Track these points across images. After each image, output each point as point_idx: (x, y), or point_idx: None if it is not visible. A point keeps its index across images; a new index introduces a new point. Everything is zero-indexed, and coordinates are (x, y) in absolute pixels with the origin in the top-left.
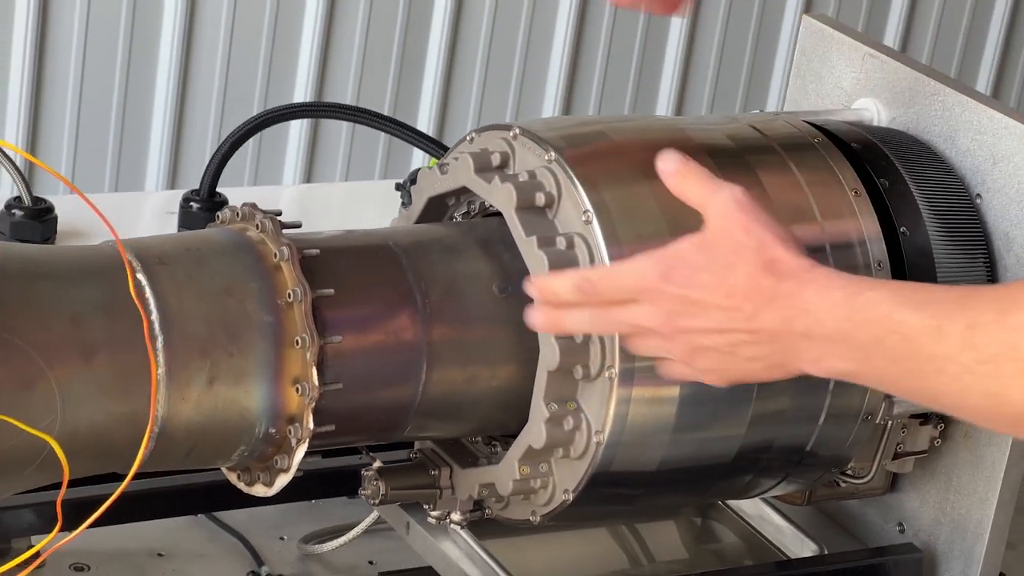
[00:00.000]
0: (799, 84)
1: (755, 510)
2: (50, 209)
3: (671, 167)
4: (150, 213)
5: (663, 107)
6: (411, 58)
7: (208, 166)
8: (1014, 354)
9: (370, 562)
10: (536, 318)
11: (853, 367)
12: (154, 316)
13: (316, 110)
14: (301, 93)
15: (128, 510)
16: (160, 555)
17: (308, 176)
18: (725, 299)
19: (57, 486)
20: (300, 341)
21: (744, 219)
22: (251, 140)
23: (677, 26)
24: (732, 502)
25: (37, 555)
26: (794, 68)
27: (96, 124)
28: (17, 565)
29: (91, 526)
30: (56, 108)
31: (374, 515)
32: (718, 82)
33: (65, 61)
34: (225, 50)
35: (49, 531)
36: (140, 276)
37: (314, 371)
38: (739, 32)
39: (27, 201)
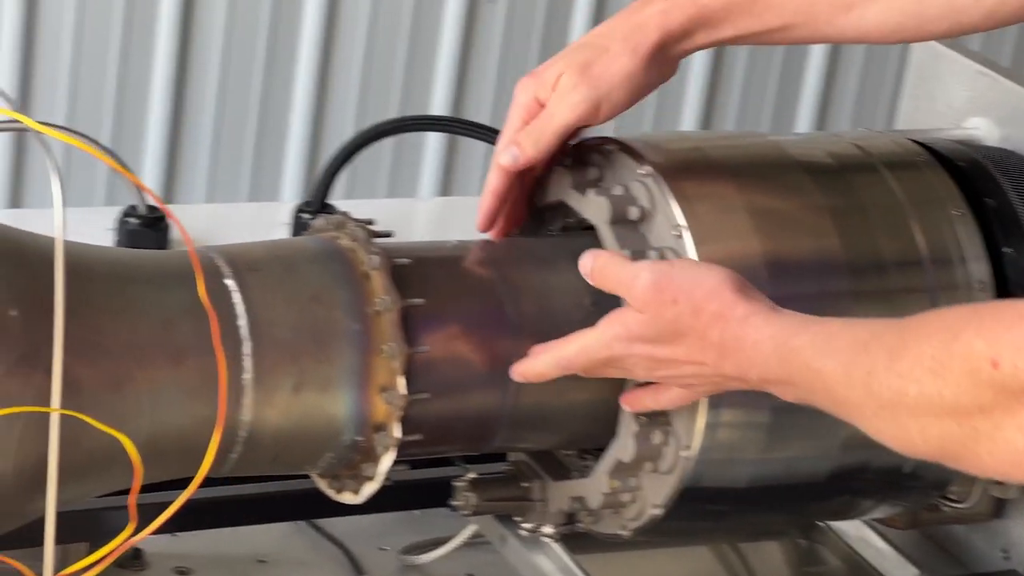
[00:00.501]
0: (911, 103)
1: (857, 532)
2: (162, 218)
3: (587, 267)
4: (265, 223)
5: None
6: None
7: (320, 178)
8: (904, 400)
9: (470, 574)
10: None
11: (807, 401)
12: (241, 321)
13: (431, 124)
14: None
15: (231, 515)
16: (262, 561)
17: (445, 189)
18: (687, 357)
19: (155, 487)
20: (387, 350)
21: (668, 294)
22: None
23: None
24: (835, 524)
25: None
26: (906, 87)
27: (234, 135)
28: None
29: (194, 529)
30: (196, 120)
31: (472, 527)
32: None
33: (205, 77)
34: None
35: (153, 531)
36: (229, 281)
37: (401, 380)
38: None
39: (142, 209)
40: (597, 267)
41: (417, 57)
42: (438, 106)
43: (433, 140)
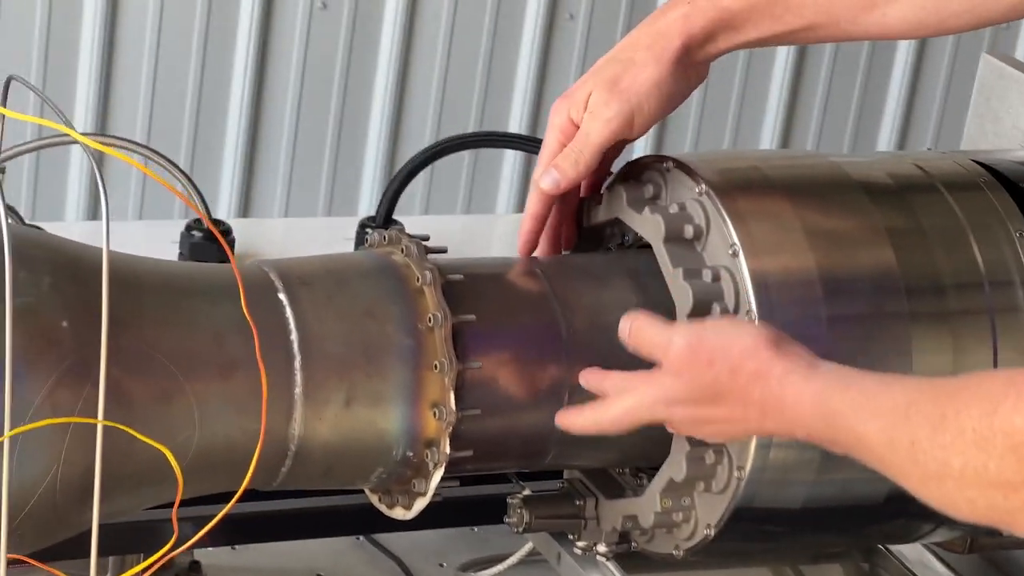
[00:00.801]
0: (977, 123)
1: (917, 556)
2: (228, 231)
3: (625, 330)
4: (331, 239)
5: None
6: None
7: (384, 193)
8: (949, 472)
9: None
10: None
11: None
12: (293, 336)
13: (494, 140)
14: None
15: (290, 528)
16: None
17: (522, 206)
18: (730, 415)
19: (213, 499)
20: (439, 365)
21: (703, 356)
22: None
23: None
24: (894, 547)
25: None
26: (972, 107)
27: (312, 150)
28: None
29: (252, 542)
30: (273, 134)
31: (529, 545)
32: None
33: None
34: (439, 74)
35: (211, 544)
36: (281, 296)
37: (452, 396)
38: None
39: (207, 223)
40: (633, 329)
41: (495, 73)
42: (515, 122)
43: (510, 156)
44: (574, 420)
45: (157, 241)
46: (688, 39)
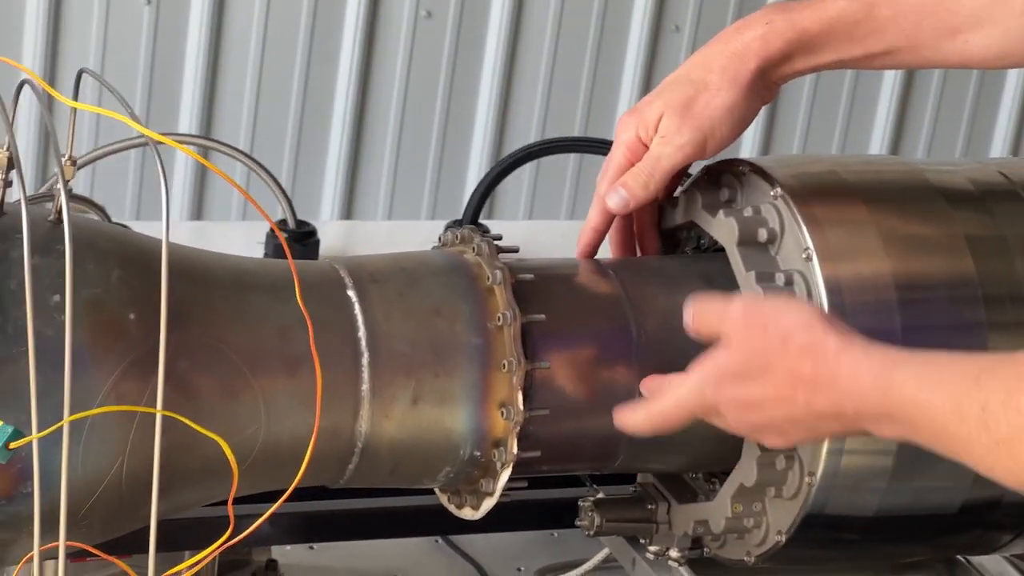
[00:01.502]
0: None
1: (997, 568)
2: (312, 232)
3: (688, 317)
4: (416, 241)
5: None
6: None
7: (471, 197)
8: (1022, 433)
9: None
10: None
11: (908, 437)
12: (361, 333)
13: (580, 145)
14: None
15: (368, 528)
16: None
17: (573, 211)
18: (776, 394)
19: (280, 495)
20: (507, 365)
21: (757, 321)
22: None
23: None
24: (975, 560)
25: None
26: None
27: (415, 153)
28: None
29: (330, 541)
30: (377, 138)
31: (605, 551)
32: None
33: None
34: (544, 82)
35: (286, 542)
36: (351, 293)
37: (520, 396)
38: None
39: (291, 224)
40: (696, 310)
41: (600, 82)
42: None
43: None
44: (629, 418)
45: (243, 241)
46: (764, 61)
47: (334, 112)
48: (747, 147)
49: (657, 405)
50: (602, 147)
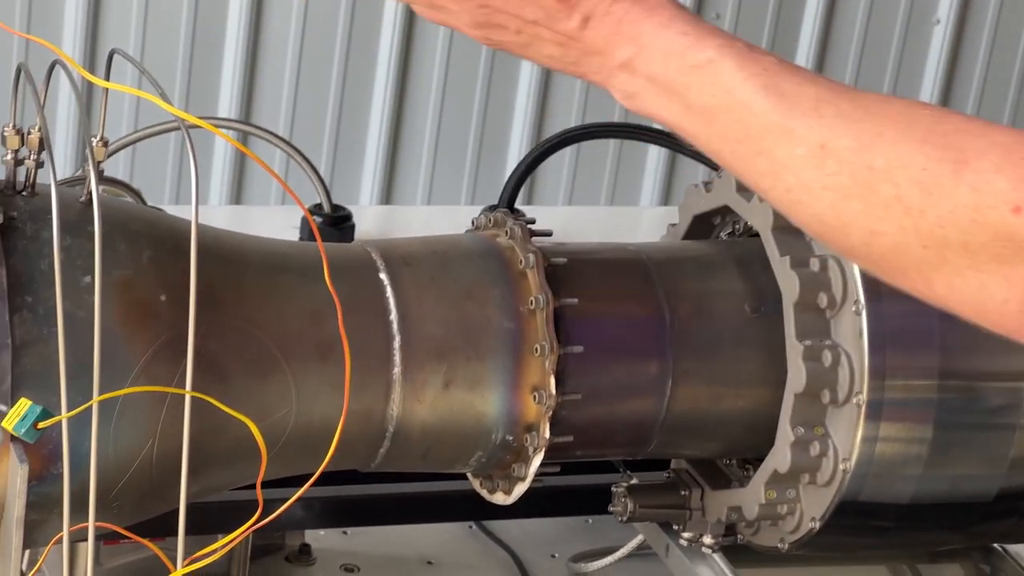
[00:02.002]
0: None
1: None
2: (348, 217)
3: None
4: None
5: None
6: None
7: (508, 181)
8: (867, 195)
9: None
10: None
11: (672, 120)
12: (393, 316)
13: (618, 131)
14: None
15: (401, 513)
16: (430, 563)
17: (612, 198)
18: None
19: (318, 481)
20: (539, 349)
21: None
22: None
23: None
24: (1012, 549)
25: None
26: None
27: (455, 138)
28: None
29: (363, 525)
30: (417, 123)
31: (639, 538)
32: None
33: (426, 85)
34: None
35: (318, 526)
36: (382, 275)
37: (552, 380)
38: None
39: (326, 208)
40: None
41: None
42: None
43: (654, 150)
44: None
45: (277, 225)
46: None
47: (374, 97)
48: None
49: None
50: (641, 133)
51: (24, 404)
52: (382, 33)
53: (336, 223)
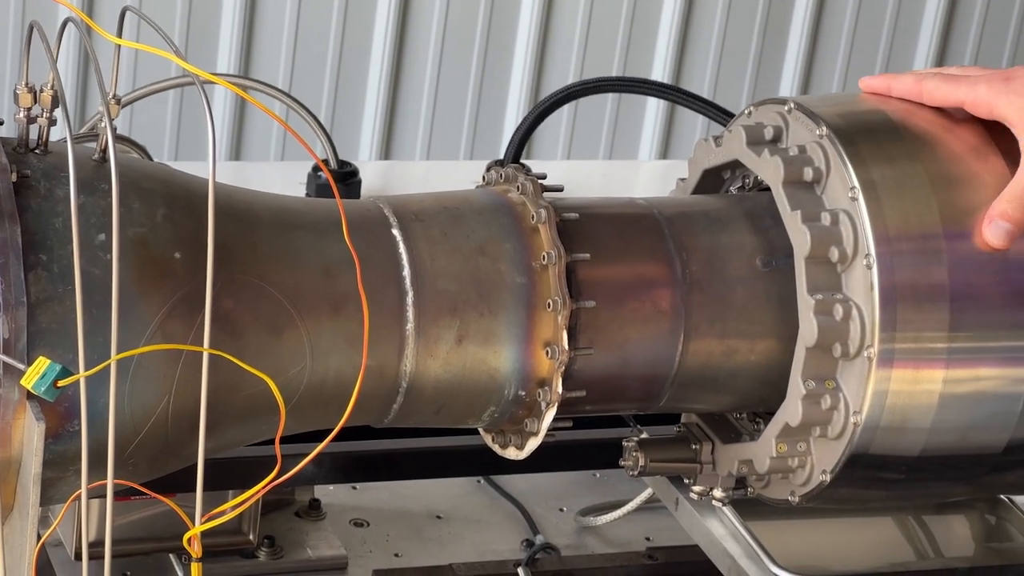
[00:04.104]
0: None
1: None
2: (355, 172)
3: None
4: (459, 181)
5: None
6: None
7: (512, 137)
8: None
9: (647, 538)
10: None
11: None
12: (405, 272)
13: (620, 85)
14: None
15: (411, 468)
16: (439, 517)
17: (611, 151)
18: None
19: (323, 435)
20: (552, 304)
21: None
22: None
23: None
24: (1019, 499)
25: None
26: None
27: (454, 93)
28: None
29: (373, 481)
30: (415, 81)
31: (648, 492)
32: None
33: (425, 39)
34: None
35: (329, 481)
36: (395, 231)
37: (565, 335)
38: None
39: (333, 164)
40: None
41: (638, 22)
42: (658, 71)
43: (653, 103)
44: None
45: (285, 181)
46: None
47: (372, 53)
48: (786, 85)
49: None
50: (640, 87)
51: (43, 363)
52: None
53: (343, 178)
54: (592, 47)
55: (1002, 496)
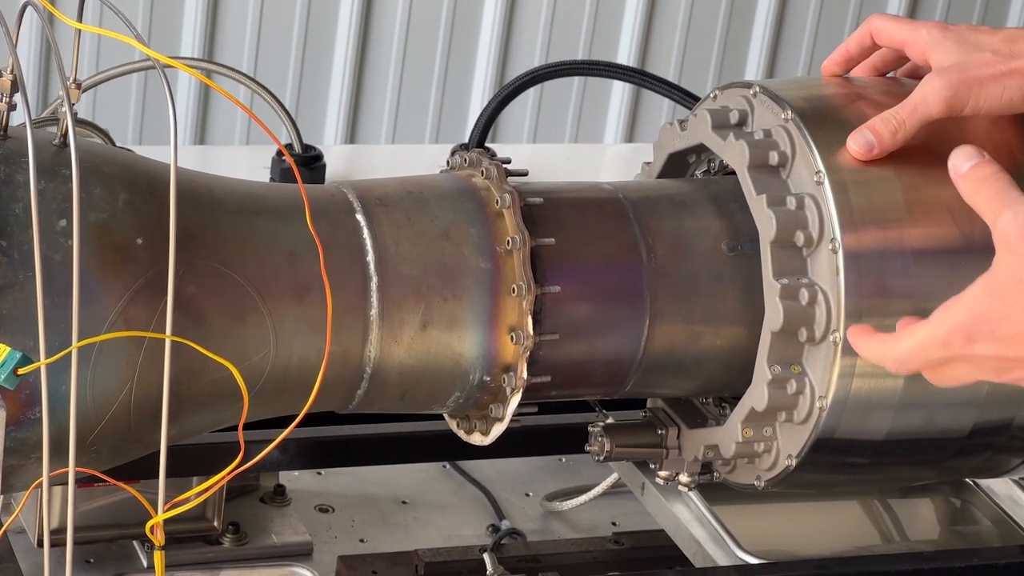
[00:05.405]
0: None
1: (1007, 491)
2: (319, 157)
3: (963, 167)
4: (427, 165)
5: None
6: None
7: (477, 121)
8: None
9: (613, 523)
10: None
11: None
12: (369, 257)
13: (586, 68)
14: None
15: (376, 453)
16: (404, 503)
17: (577, 135)
18: None
19: (288, 421)
20: (517, 289)
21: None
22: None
23: None
24: (984, 483)
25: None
26: None
27: (419, 76)
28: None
29: (337, 466)
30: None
31: (614, 477)
32: None
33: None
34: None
35: (294, 467)
36: (359, 216)
37: (529, 320)
38: None
39: (297, 148)
40: (975, 175)
41: (604, 6)
42: (623, 54)
43: (619, 87)
44: (858, 346)
45: (250, 166)
46: None
47: (337, 36)
48: (752, 68)
49: (892, 348)
50: (606, 70)
51: (3, 350)
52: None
53: (307, 163)
54: (557, 30)
55: (967, 479)
